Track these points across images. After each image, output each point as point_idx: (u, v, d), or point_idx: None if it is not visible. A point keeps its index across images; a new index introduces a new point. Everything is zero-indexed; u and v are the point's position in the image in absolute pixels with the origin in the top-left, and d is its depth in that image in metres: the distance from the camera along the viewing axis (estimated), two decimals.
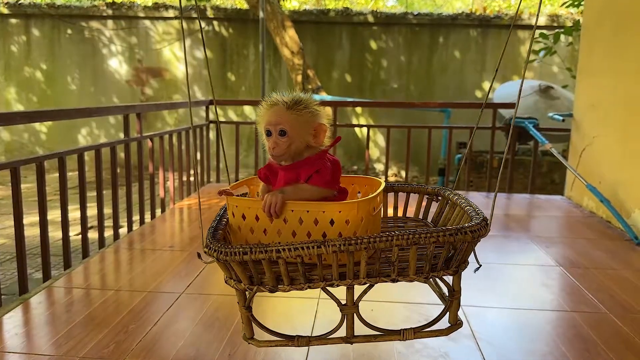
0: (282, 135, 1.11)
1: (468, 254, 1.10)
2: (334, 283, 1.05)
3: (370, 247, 0.99)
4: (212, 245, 1.03)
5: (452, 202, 1.31)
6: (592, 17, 3.75)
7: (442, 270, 1.07)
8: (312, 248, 0.98)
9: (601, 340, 1.69)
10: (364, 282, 1.05)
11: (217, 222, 1.18)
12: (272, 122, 1.12)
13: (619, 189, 3.15)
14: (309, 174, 1.11)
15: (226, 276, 1.11)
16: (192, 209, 3.46)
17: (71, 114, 2.97)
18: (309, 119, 1.14)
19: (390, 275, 1.05)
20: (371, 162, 7.57)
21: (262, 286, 1.06)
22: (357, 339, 1.12)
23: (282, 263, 1.01)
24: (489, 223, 1.07)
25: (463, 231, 1.02)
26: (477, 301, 1.98)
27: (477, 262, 1.20)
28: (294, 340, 1.12)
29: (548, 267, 2.40)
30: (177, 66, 7.65)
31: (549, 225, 3.25)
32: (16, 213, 2.10)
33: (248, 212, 1.12)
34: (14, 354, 1.58)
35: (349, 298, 1.11)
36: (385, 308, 1.90)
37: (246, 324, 1.13)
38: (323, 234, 1.07)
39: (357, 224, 1.07)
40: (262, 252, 0.99)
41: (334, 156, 1.19)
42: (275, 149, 1.12)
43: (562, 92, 5.70)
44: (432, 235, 1.00)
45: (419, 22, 7.31)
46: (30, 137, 7.87)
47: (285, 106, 1.13)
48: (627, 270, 2.38)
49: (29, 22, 7.62)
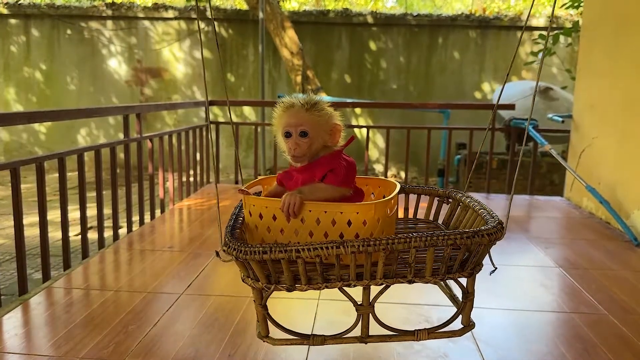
0: (304, 136, 1.14)
1: (483, 257, 1.11)
2: (352, 283, 1.05)
3: (389, 249, 0.99)
4: (231, 244, 1.03)
5: (465, 204, 1.31)
6: (591, 18, 3.75)
7: (458, 272, 1.08)
8: (331, 248, 0.99)
9: (600, 341, 1.70)
10: (381, 282, 1.06)
11: (234, 220, 1.18)
12: (292, 123, 1.14)
13: (618, 190, 3.15)
14: (324, 173, 1.13)
15: (243, 275, 1.11)
16: (192, 210, 3.46)
17: (71, 114, 2.97)
18: (327, 120, 1.17)
19: (407, 276, 1.06)
20: (370, 163, 7.57)
21: (279, 285, 1.06)
22: (371, 338, 1.13)
23: (301, 263, 1.02)
24: (504, 226, 1.08)
25: (480, 234, 1.03)
26: (477, 302, 1.96)
27: (492, 265, 1.20)
28: (309, 339, 1.12)
29: (547, 268, 2.41)
30: (176, 66, 7.65)
31: (548, 226, 3.25)
32: (16, 213, 2.10)
33: (265, 211, 1.12)
34: (14, 355, 1.58)
35: (365, 298, 1.11)
36: (383, 308, 1.90)
37: (262, 322, 1.13)
38: (340, 234, 1.08)
39: (374, 225, 1.07)
40: (282, 252, 0.99)
41: (350, 157, 1.20)
42: (297, 150, 1.14)
43: (562, 93, 5.71)
44: (450, 237, 1.01)
45: (419, 23, 7.32)
46: (29, 138, 7.87)
47: (304, 108, 1.15)
48: (626, 271, 2.38)
49: (29, 22, 7.62)
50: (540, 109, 5.29)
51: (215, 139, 4.55)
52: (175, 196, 3.77)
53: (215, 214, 1.05)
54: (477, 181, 5.49)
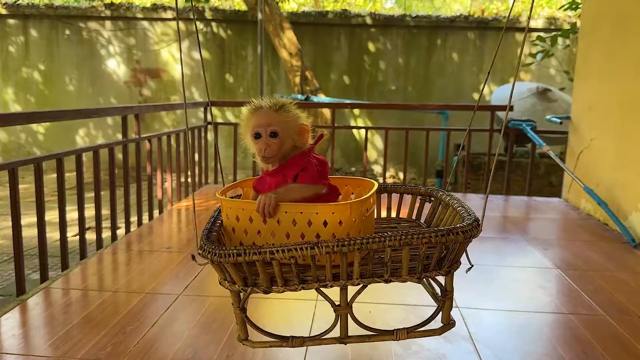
0: (274, 137, 1.15)
1: (460, 254, 1.11)
2: (328, 284, 1.05)
3: (363, 248, 0.99)
4: (206, 247, 1.03)
5: (445, 202, 1.31)
6: (589, 20, 3.76)
7: (435, 271, 1.08)
8: (306, 249, 0.98)
9: (598, 343, 1.70)
10: (357, 282, 1.06)
11: (211, 223, 1.18)
12: (262, 124, 1.15)
13: (616, 192, 3.16)
14: (295, 173, 1.14)
15: (220, 277, 1.11)
16: (190, 211, 3.46)
17: (70, 114, 2.97)
18: (295, 120, 1.18)
19: (384, 275, 1.06)
20: (369, 164, 7.58)
21: (256, 287, 1.06)
22: (350, 339, 1.12)
23: (276, 264, 1.02)
24: (480, 223, 1.08)
25: (455, 232, 1.03)
26: (475, 303, 1.98)
27: (469, 262, 1.21)
28: (288, 340, 1.12)
29: (545, 270, 2.41)
30: (175, 67, 7.65)
31: (546, 228, 3.26)
32: (14, 214, 2.10)
33: (242, 213, 1.12)
34: (12, 355, 1.58)
35: (343, 299, 1.11)
36: (383, 310, 1.91)
37: (240, 325, 1.14)
38: (317, 235, 1.08)
39: (350, 225, 1.08)
40: (256, 254, 0.99)
41: (321, 155, 1.21)
42: (267, 150, 1.15)
43: (560, 94, 5.72)
44: (425, 235, 1.01)
45: (417, 25, 7.33)
46: (27, 138, 7.86)
47: (273, 109, 1.16)
48: (624, 272, 2.39)
49: (27, 22, 7.61)
50: (538, 110, 5.30)
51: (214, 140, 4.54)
52: (173, 197, 3.77)
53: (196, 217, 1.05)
54: (476, 182, 5.50)
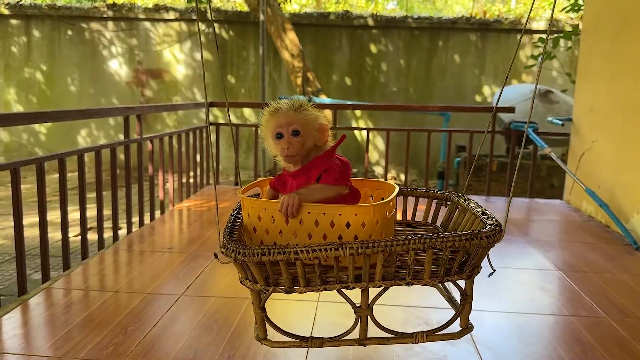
0: (296, 135, 1.16)
1: (482, 259, 1.11)
2: (350, 285, 1.05)
3: (387, 251, 0.99)
4: (229, 246, 1.03)
5: (463, 207, 1.31)
6: (591, 21, 3.76)
7: (456, 275, 1.08)
8: (330, 250, 0.98)
9: (599, 344, 1.70)
10: (380, 285, 1.06)
11: (232, 222, 1.18)
12: (283, 123, 1.16)
13: (617, 194, 3.16)
14: (319, 174, 1.14)
15: (242, 276, 1.11)
16: (192, 211, 3.46)
17: (72, 115, 2.97)
18: (314, 119, 1.19)
19: (405, 278, 1.06)
20: (370, 165, 7.58)
21: (278, 287, 1.06)
22: (370, 341, 1.12)
23: (300, 265, 1.02)
24: (503, 229, 1.08)
25: (479, 236, 1.03)
26: (476, 305, 1.97)
27: (490, 267, 1.20)
28: (307, 341, 1.11)
29: (546, 271, 2.41)
30: (177, 68, 7.66)
31: (547, 229, 3.25)
32: (16, 214, 2.10)
33: (264, 213, 1.12)
34: (13, 355, 1.58)
35: (364, 300, 1.11)
36: (382, 310, 1.90)
37: (260, 324, 1.13)
38: (339, 236, 1.08)
39: (373, 227, 1.08)
40: (281, 254, 0.99)
41: (343, 157, 1.22)
42: (290, 149, 1.15)
43: (562, 96, 5.71)
44: (449, 239, 1.01)
45: (419, 26, 7.33)
46: (29, 138, 7.87)
47: (292, 108, 1.18)
48: (625, 274, 2.38)
49: (30, 23, 7.63)
50: (540, 112, 5.30)
51: (216, 141, 4.55)
52: (175, 197, 3.77)
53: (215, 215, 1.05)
54: (477, 184, 5.49)
